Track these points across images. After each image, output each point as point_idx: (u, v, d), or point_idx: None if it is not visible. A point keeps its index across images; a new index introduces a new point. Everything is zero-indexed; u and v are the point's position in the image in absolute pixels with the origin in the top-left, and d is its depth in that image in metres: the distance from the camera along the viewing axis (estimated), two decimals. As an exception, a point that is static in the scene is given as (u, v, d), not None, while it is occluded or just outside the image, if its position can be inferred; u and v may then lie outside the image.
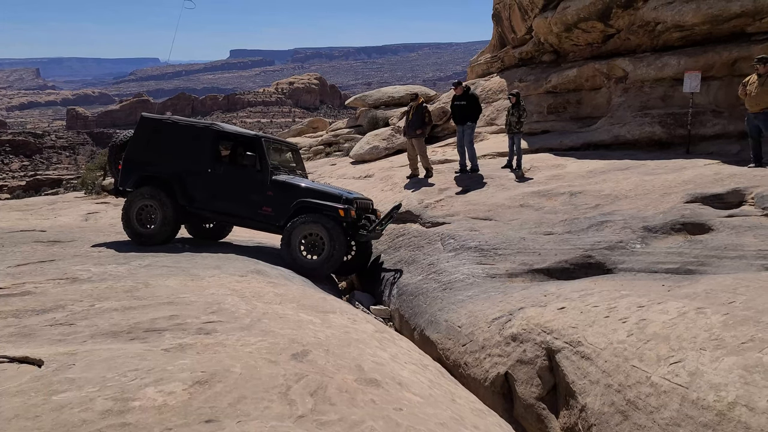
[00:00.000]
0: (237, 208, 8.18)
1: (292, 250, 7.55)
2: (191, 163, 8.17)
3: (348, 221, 7.62)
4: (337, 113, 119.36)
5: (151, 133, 8.34)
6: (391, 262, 8.20)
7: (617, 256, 6.26)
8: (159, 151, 8.25)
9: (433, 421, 3.11)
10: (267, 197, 8.00)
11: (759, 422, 2.82)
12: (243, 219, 8.27)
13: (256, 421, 2.56)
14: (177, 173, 8.17)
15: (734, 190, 7.28)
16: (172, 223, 8.10)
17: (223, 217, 8.43)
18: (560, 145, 12.48)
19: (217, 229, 9.60)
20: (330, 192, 7.97)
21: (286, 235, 7.60)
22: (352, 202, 7.80)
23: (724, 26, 11.05)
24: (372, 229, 8.01)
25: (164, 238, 8.08)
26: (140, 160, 8.27)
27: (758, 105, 8.76)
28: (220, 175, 8.14)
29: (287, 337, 3.87)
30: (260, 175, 8.01)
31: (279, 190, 7.98)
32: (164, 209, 7.99)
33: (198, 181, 8.15)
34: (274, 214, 7.99)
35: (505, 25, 17.25)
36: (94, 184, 17.24)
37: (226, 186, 8.14)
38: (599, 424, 3.61)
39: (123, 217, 8.12)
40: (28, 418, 2.43)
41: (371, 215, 8.37)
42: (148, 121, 8.48)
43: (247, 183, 8.09)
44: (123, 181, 8.38)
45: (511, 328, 4.95)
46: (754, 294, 4.12)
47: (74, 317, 4.03)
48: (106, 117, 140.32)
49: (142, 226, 8.07)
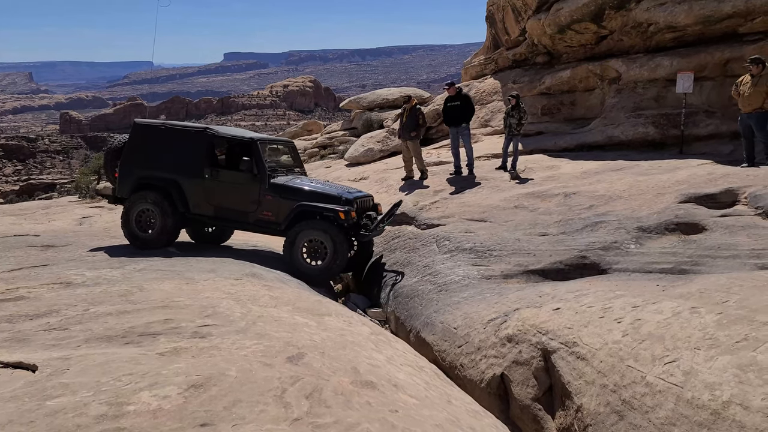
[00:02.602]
0: (236, 213, 8.04)
1: (295, 257, 7.46)
2: (187, 169, 8.05)
3: (349, 223, 7.52)
4: (332, 116, 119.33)
5: (145, 139, 8.24)
6: (386, 265, 8.20)
7: (612, 257, 6.27)
8: (154, 157, 8.15)
9: (429, 422, 3.11)
10: (266, 201, 7.87)
11: (753, 421, 2.83)
12: (243, 224, 8.16)
13: (252, 425, 2.55)
14: (173, 179, 8.07)
15: (727, 189, 7.31)
16: (171, 228, 8.03)
17: (223, 222, 8.35)
18: (554, 146, 12.52)
19: (218, 232, 9.49)
20: (330, 193, 7.83)
21: (289, 241, 7.51)
22: (352, 203, 7.70)
23: (716, 27, 11.12)
24: (374, 227, 7.91)
25: (163, 243, 8.01)
26: (136, 166, 8.18)
27: (751, 105, 8.81)
28: (217, 180, 8.01)
29: (282, 340, 3.86)
30: (258, 179, 7.88)
31: (278, 193, 7.84)
32: (163, 215, 7.91)
33: (195, 186, 8.04)
34: (275, 219, 7.86)
35: (498, 26, 17.29)
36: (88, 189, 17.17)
37: (224, 191, 8.00)
38: (595, 425, 3.62)
39: (122, 221, 8.06)
40: (22, 424, 2.42)
41: (372, 212, 8.26)
42: (142, 128, 8.39)
43: (245, 188, 7.94)
44: (120, 188, 8.32)
45: (506, 329, 4.96)
46: (748, 293, 4.14)
47: (68, 322, 4.01)
48: (100, 121, 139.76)
49: (142, 230, 8.01)
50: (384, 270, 8.03)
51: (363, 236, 7.83)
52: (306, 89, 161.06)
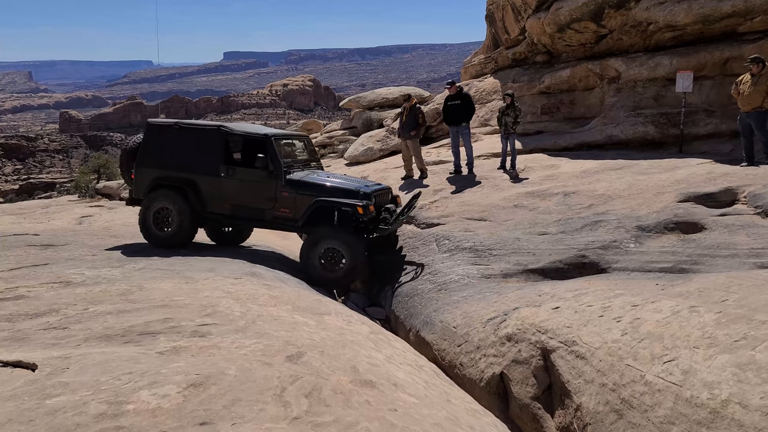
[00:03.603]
0: (253, 211, 7.93)
1: (310, 264, 7.37)
2: (203, 168, 7.94)
3: (367, 218, 7.37)
4: (332, 115, 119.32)
5: (160, 140, 8.14)
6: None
7: (611, 256, 6.28)
8: (170, 157, 8.04)
9: (428, 421, 3.11)
10: (283, 198, 7.73)
11: (752, 419, 2.84)
12: (260, 222, 8.05)
13: (251, 423, 2.55)
14: (190, 179, 7.96)
15: (727, 189, 7.32)
16: (189, 227, 7.96)
17: (241, 221, 8.27)
18: (554, 146, 12.52)
19: (236, 232, 9.34)
20: (347, 187, 7.66)
21: (305, 248, 7.44)
22: (370, 197, 7.53)
23: (715, 26, 11.12)
24: (393, 221, 7.76)
25: (181, 242, 7.94)
26: (152, 167, 8.09)
27: (750, 104, 8.82)
28: (233, 178, 7.90)
29: (282, 339, 3.86)
30: (274, 175, 7.72)
31: (294, 189, 7.68)
32: (180, 214, 7.82)
33: (211, 185, 7.93)
34: (292, 215, 7.73)
35: (498, 26, 17.28)
36: (88, 188, 17.18)
37: (241, 189, 7.88)
38: (594, 423, 3.62)
39: (140, 220, 7.99)
40: (21, 423, 2.42)
41: (391, 205, 8.14)
42: (155, 128, 8.30)
43: (262, 185, 7.79)
44: (137, 190, 8.26)
45: (506, 328, 4.96)
46: (747, 292, 4.14)
47: (68, 321, 4.01)
48: (100, 120, 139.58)
49: (159, 229, 7.94)
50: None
51: (382, 230, 7.66)
52: (306, 88, 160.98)
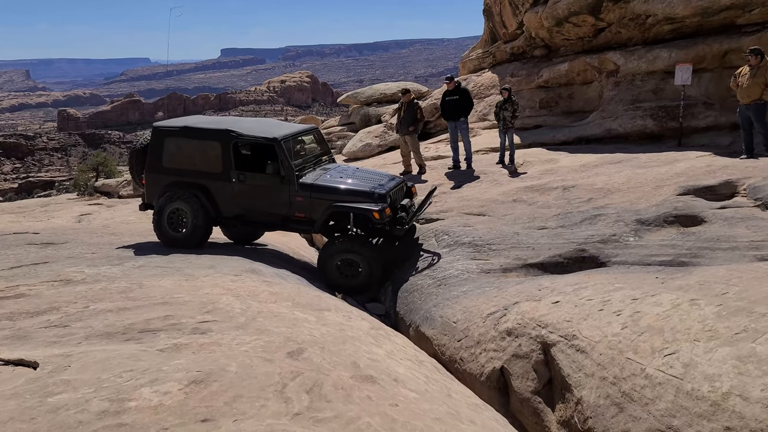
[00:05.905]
0: (269, 216, 7.76)
1: (328, 274, 7.32)
2: (214, 173, 7.69)
3: (383, 221, 7.20)
4: (330, 111, 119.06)
5: (167, 144, 7.86)
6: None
7: (611, 250, 6.28)
8: (179, 162, 7.81)
9: (429, 416, 3.12)
10: (297, 203, 7.52)
11: (753, 411, 2.84)
12: (276, 226, 7.94)
13: (252, 420, 2.56)
14: (201, 184, 7.75)
15: (726, 181, 7.32)
16: (203, 229, 7.79)
17: (257, 225, 8.17)
18: (553, 140, 12.51)
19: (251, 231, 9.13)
20: (362, 189, 7.41)
21: (321, 259, 7.41)
22: (385, 198, 7.33)
23: (714, 18, 11.10)
24: (410, 219, 7.65)
25: (195, 243, 7.77)
26: (162, 173, 7.88)
27: (749, 96, 8.81)
28: (244, 183, 7.62)
29: (282, 336, 3.87)
30: (286, 180, 7.47)
31: (308, 193, 7.47)
32: (195, 217, 7.67)
33: (224, 191, 7.71)
34: (308, 218, 7.59)
35: (496, 20, 17.24)
36: (87, 186, 17.16)
37: (254, 194, 7.67)
38: (595, 417, 3.63)
39: (154, 221, 7.82)
40: (23, 421, 2.43)
41: (407, 200, 8.04)
42: (161, 132, 7.97)
43: (275, 190, 7.56)
44: (149, 196, 8.10)
45: (506, 322, 4.96)
46: (747, 285, 4.14)
47: (69, 319, 4.01)
48: (98, 118, 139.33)
49: (174, 230, 7.78)
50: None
51: (399, 230, 7.52)
52: (303, 84, 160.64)
